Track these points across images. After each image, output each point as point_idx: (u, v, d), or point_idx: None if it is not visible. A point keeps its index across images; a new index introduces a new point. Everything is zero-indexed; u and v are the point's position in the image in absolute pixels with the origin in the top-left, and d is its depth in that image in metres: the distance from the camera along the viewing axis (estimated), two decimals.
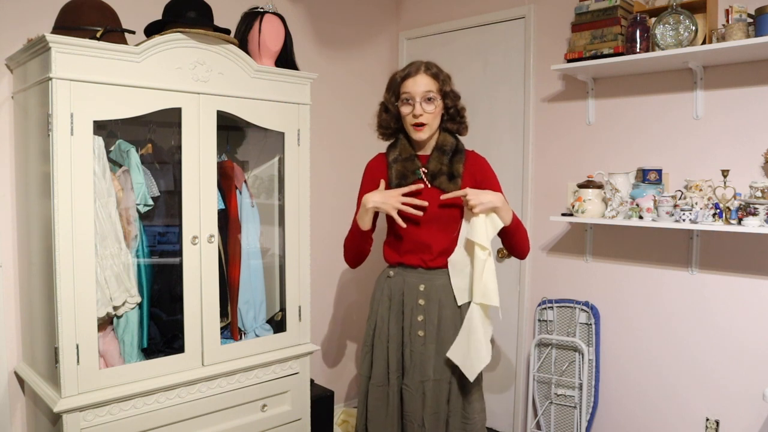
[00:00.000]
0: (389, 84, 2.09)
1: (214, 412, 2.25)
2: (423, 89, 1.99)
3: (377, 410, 2.09)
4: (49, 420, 2.03)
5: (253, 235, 2.53)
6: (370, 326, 2.14)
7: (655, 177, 2.54)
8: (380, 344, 2.10)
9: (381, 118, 2.13)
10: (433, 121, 2.02)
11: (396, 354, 2.07)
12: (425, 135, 2.03)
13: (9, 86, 2.24)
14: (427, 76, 2.01)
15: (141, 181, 2.15)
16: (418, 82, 2.00)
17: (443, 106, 2.05)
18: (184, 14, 2.13)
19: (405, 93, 2.01)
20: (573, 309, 2.90)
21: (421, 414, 2.02)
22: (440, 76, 2.03)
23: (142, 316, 2.17)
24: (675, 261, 2.63)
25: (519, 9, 3.11)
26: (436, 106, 2.01)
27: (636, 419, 2.77)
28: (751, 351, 2.43)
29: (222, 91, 2.21)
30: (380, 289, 2.14)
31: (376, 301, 2.14)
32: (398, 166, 2.08)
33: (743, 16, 2.26)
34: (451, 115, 2.07)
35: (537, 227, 3.09)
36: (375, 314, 2.13)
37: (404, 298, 2.07)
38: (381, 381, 2.08)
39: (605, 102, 2.84)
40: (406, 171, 2.06)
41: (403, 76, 2.04)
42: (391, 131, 2.13)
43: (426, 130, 2.02)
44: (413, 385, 2.02)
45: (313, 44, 3.26)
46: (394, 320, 2.08)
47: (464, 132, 2.13)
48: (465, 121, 2.12)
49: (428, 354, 2.02)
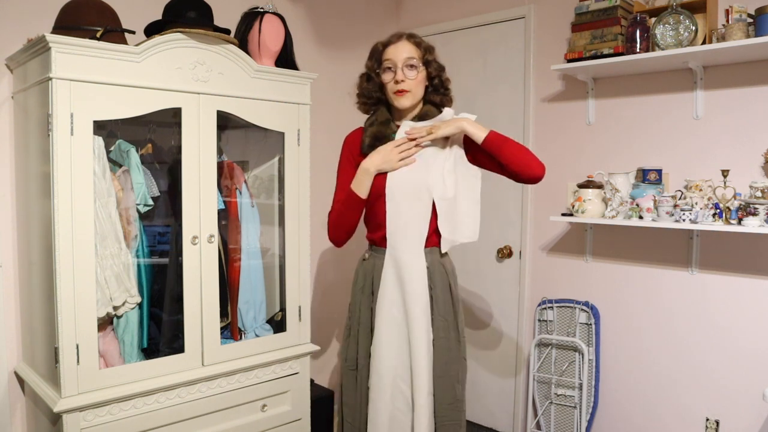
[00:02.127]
0: (371, 52, 2.06)
1: (214, 412, 2.25)
2: (405, 55, 1.97)
3: (349, 393, 2.12)
4: (49, 420, 2.02)
5: (253, 235, 2.52)
6: (349, 311, 2.15)
7: (655, 177, 2.55)
8: (354, 328, 2.11)
9: (362, 87, 2.09)
10: (415, 88, 1.99)
11: (366, 338, 2.06)
12: (408, 102, 2.00)
13: (9, 86, 2.24)
14: (409, 43, 1.99)
15: (141, 181, 2.15)
16: (399, 49, 1.98)
17: (426, 76, 2.02)
18: (184, 14, 2.13)
19: (387, 60, 1.99)
20: (573, 309, 2.90)
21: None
22: (422, 44, 2.01)
23: (142, 316, 2.17)
24: (675, 261, 2.63)
25: (519, 9, 3.11)
26: (418, 72, 1.98)
27: (636, 419, 2.77)
28: (751, 351, 2.43)
29: (222, 91, 2.21)
30: (356, 273, 2.14)
31: (353, 286, 2.15)
32: (373, 128, 2.04)
33: (743, 16, 2.26)
34: (435, 86, 2.04)
35: (537, 227, 3.09)
36: (352, 299, 2.14)
37: (374, 280, 2.05)
38: (352, 365, 2.11)
39: (605, 102, 2.84)
40: (381, 134, 2.03)
41: (385, 43, 2.03)
42: (372, 101, 2.09)
43: (408, 96, 1.98)
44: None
45: (313, 44, 3.26)
46: (365, 303, 2.08)
47: (449, 104, 2.09)
48: (449, 93, 2.08)
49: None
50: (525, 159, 1.92)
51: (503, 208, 3.21)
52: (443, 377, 2.01)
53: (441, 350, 2.01)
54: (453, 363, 2.03)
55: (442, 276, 2.03)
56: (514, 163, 1.91)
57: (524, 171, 1.92)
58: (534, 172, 1.92)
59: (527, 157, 1.93)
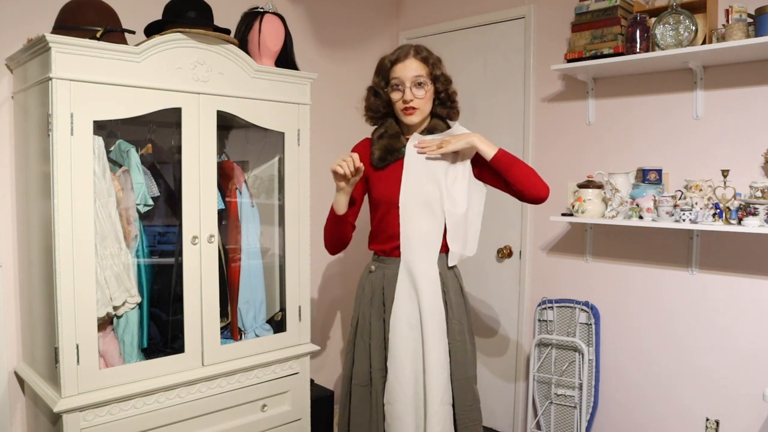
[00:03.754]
0: (378, 68, 2.06)
1: (214, 412, 2.25)
2: (413, 74, 1.96)
3: (360, 412, 2.06)
4: (49, 420, 2.03)
5: (253, 235, 2.53)
6: (352, 325, 2.13)
7: (655, 177, 2.55)
8: (362, 342, 2.07)
9: (369, 101, 2.09)
10: (424, 105, 2.00)
11: (379, 351, 2.03)
12: (417, 119, 2.01)
13: (9, 86, 2.24)
14: (416, 61, 1.98)
15: (141, 181, 2.15)
16: (407, 67, 1.98)
17: (434, 91, 2.02)
18: (184, 14, 2.13)
19: (394, 78, 1.99)
20: (573, 309, 2.90)
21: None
22: (430, 60, 2.00)
23: (142, 316, 2.17)
24: (675, 261, 2.63)
25: (519, 9, 3.11)
26: (426, 90, 1.98)
27: (636, 419, 2.77)
28: (751, 351, 2.43)
29: (222, 91, 2.21)
30: (361, 286, 2.12)
31: (357, 298, 2.13)
32: (383, 141, 2.05)
33: (743, 16, 2.26)
34: (442, 100, 2.04)
35: (537, 227, 3.09)
36: (356, 312, 2.12)
37: (384, 291, 2.04)
38: (364, 381, 2.06)
39: (605, 102, 2.84)
40: (391, 147, 2.03)
41: (392, 60, 2.01)
42: (380, 115, 2.10)
43: (417, 114, 1.99)
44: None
45: (313, 44, 3.26)
46: (375, 315, 2.05)
47: (455, 117, 2.10)
48: (456, 105, 2.09)
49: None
50: (531, 180, 1.95)
51: (503, 208, 3.21)
52: (462, 380, 2.01)
53: (459, 354, 2.01)
54: (470, 365, 2.06)
55: (453, 281, 2.05)
56: (521, 183, 1.94)
57: (530, 191, 1.95)
58: (539, 194, 1.95)
59: (534, 178, 1.95)
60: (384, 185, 2.03)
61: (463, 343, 2.03)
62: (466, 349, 2.04)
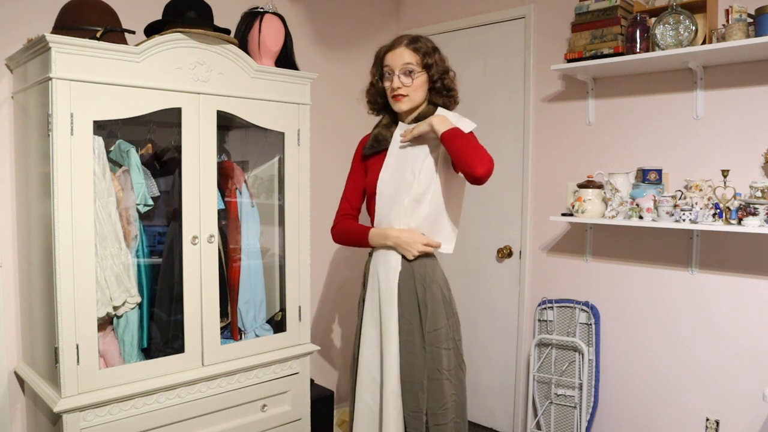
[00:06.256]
0: (375, 58, 2.10)
1: (214, 412, 2.25)
2: (402, 62, 1.98)
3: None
4: (49, 420, 2.03)
5: (253, 235, 2.53)
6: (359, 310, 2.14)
7: (655, 177, 2.54)
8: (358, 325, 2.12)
9: (368, 92, 2.14)
10: (414, 93, 2.00)
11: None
12: (405, 106, 2.01)
13: (9, 86, 2.24)
14: (407, 50, 2.00)
15: (141, 181, 2.15)
16: (397, 55, 2.00)
17: (428, 79, 2.02)
18: (184, 14, 2.13)
19: (386, 66, 2.02)
20: (573, 309, 2.90)
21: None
22: (422, 49, 2.00)
23: (142, 316, 2.17)
24: (675, 261, 2.63)
25: (519, 9, 3.11)
26: (415, 78, 1.99)
27: (636, 419, 2.77)
28: (751, 351, 2.43)
29: (222, 91, 2.21)
30: (364, 275, 2.15)
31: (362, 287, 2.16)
32: (376, 130, 2.11)
33: (743, 16, 2.26)
34: (437, 89, 2.03)
35: (537, 227, 3.09)
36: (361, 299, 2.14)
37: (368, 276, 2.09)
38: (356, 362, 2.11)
39: (605, 102, 2.84)
40: (380, 136, 2.08)
41: (386, 49, 2.05)
42: (379, 106, 2.14)
43: (406, 101, 2.00)
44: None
45: (313, 44, 3.26)
46: (362, 298, 2.11)
47: (452, 106, 2.09)
48: (453, 94, 2.07)
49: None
50: (468, 154, 1.81)
51: (503, 208, 3.21)
52: (406, 382, 1.96)
53: (403, 353, 1.96)
54: (417, 370, 1.95)
55: (409, 279, 1.98)
56: (459, 159, 1.83)
57: (465, 168, 1.82)
58: (472, 170, 1.80)
59: (471, 153, 1.81)
60: (371, 174, 2.09)
61: (411, 345, 1.95)
62: (413, 351, 1.95)
